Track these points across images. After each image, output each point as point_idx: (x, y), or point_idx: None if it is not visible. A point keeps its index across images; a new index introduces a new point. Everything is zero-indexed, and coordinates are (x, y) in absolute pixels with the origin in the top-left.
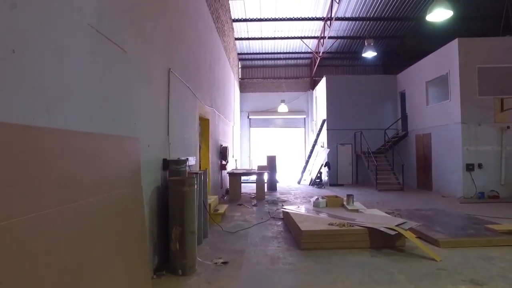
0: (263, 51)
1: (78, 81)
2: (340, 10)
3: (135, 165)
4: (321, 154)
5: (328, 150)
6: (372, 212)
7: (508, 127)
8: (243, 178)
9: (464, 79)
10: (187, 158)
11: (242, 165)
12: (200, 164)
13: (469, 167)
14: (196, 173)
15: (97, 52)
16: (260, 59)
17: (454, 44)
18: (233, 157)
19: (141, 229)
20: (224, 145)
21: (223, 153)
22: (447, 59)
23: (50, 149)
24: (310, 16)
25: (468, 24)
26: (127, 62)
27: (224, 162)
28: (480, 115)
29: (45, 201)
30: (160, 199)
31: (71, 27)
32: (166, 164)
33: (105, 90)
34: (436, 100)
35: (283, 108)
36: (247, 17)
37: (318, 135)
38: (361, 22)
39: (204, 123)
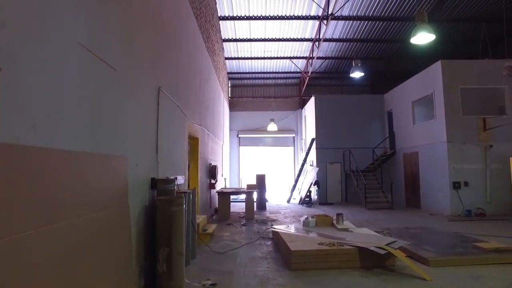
0: (253, 71)
1: (66, 99)
2: (328, 32)
3: (122, 184)
4: (311, 173)
5: (317, 168)
6: (362, 231)
7: (491, 146)
8: (232, 197)
9: (448, 99)
10: (176, 177)
11: (231, 184)
12: (188, 183)
13: (456, 185)
14: (185, 192)
15: (87, 70)
16: (249, 78)
17: (437, 65)
18: (222, 175)
19: (127, 251)
20: (213, 163)
21: (212, 171)
22: (431, 79)
23: (34, 168)
24: (299, 37)
25: (451, 47)
26: (117, 81)
27: (213, 181)
28: (464, 134)
29: (27, 222)
30: (147, 219)
31: (62, 45)
32: (155, 183)
33: (94, 108)
34: (422, 119)
35: (272, 127)
36: (237, 37)
37: (307, 153)
38: (348, 43)
39: (193, 141)
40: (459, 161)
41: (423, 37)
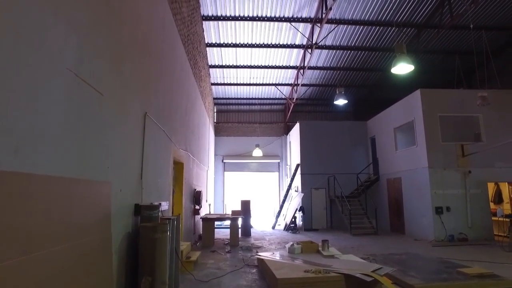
0: (239, 97)
1: (51, 123)
2: (313, 60)
3: (105, 211)
4: (295, 199)
5: (302, 194)
6: (347, 257)
7: (470, 172)
8: (216, 223)
9: (428, 126)
10: (160, 203)
11: (216, 210)
12: (173, 209)
13: (438, 210)
14: (169, 219)
15: (73, 94)
16: (235, 104)
17: (417, 94)
18: (206, 201)
19: (108, 280)
20: (198, 189)
21: (196, 197)
22: (412, 107)
23: (11, 194)
24: (284, 65)
25: (429, 76)
26: (104, 105)
27: (197, 207)
28: (444, 160)
29: (2, 251)
30: (130, 246)
31: (49, 70)
32: (138, 209)
33: (79, 133)
34: (404, 145)
35: (257, 152)
36: (224, 64)
37: (292, 179)
38: (332, 71)
39: (178, 167)
40: (441, 187)
41: (402, 68)
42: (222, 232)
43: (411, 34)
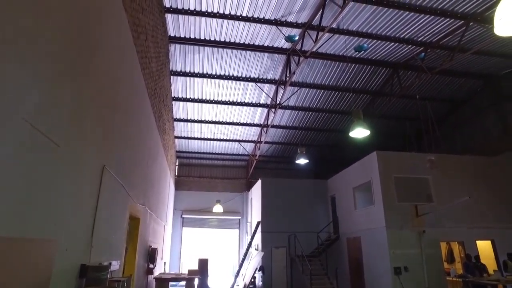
0: (202, 151)
1: None
2: (276, 119)
3: (44, 274)
4: (255, 258)
5: (263, 253)
6: None
7: (424, 231)
8: (171, 283)
9: (384, 186)
10: (110, 263)
11: (171, 268)
12: (124, 269)
13: (397, 271)
14: (119, 281)
15: (26, 144)
16: (198, 158)
17: (373, 155)
18: (162, 259)
19: None
20: (153, 246)
21: (151, 255)
22: (369, 168)
23: None
24: (248, 122)
25: (385, 139)
26: (59, 157)
27: (151, 266)
28: (401, 220)
29: None
30: None
31: (2, 117)
32: (85, 270)
33: (27, 186)
34: (363, 204)
35: (218, 208)
36: (189, 118)
37: (252, 237)
38: (294, 130)
39: (134, 222)
40: (398, 246)
41: (360, 132)
42: None
43: (367, 100)
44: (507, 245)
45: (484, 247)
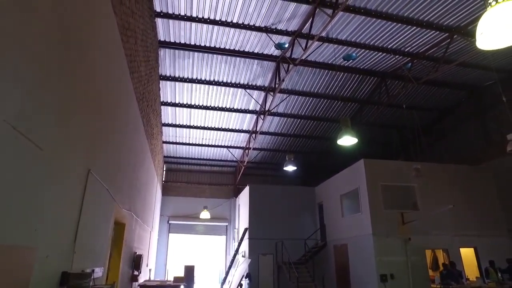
0: (190, 156)
1: None
2: (265, 125)
3: (22, 282)
4: (242, 265)
5: (250, 260)
6: None
7: (410, 239)
8: None
9: (371, 194)
10: (93, 270)
11: (157, 275)
12: (107, 276)
13: (383, 278)
14: None
15: (6, 147)
16: (186, 163)
17: (361, 163)
18: (147, 266)
19: None
20: (138, 252)
21: (136, 262)
22: (356, 175)
23: None
24: (237, 128)
25: (372, 147)
26: (42, 161)
27: (136, 273)
28: (387, 227)
29: None
30: None
31: None
32: (66, 278)
33: (6, 190)
34: (350, 212)
35: (205, 214)
36: (177, 123)
37: (239, 244)
38: (283, 137)
39: (119, 228)
40: (385, 254)
41: (347, 140)
42: None
43: (355, 108)
44: (489, 253)
45: (467, 254)
